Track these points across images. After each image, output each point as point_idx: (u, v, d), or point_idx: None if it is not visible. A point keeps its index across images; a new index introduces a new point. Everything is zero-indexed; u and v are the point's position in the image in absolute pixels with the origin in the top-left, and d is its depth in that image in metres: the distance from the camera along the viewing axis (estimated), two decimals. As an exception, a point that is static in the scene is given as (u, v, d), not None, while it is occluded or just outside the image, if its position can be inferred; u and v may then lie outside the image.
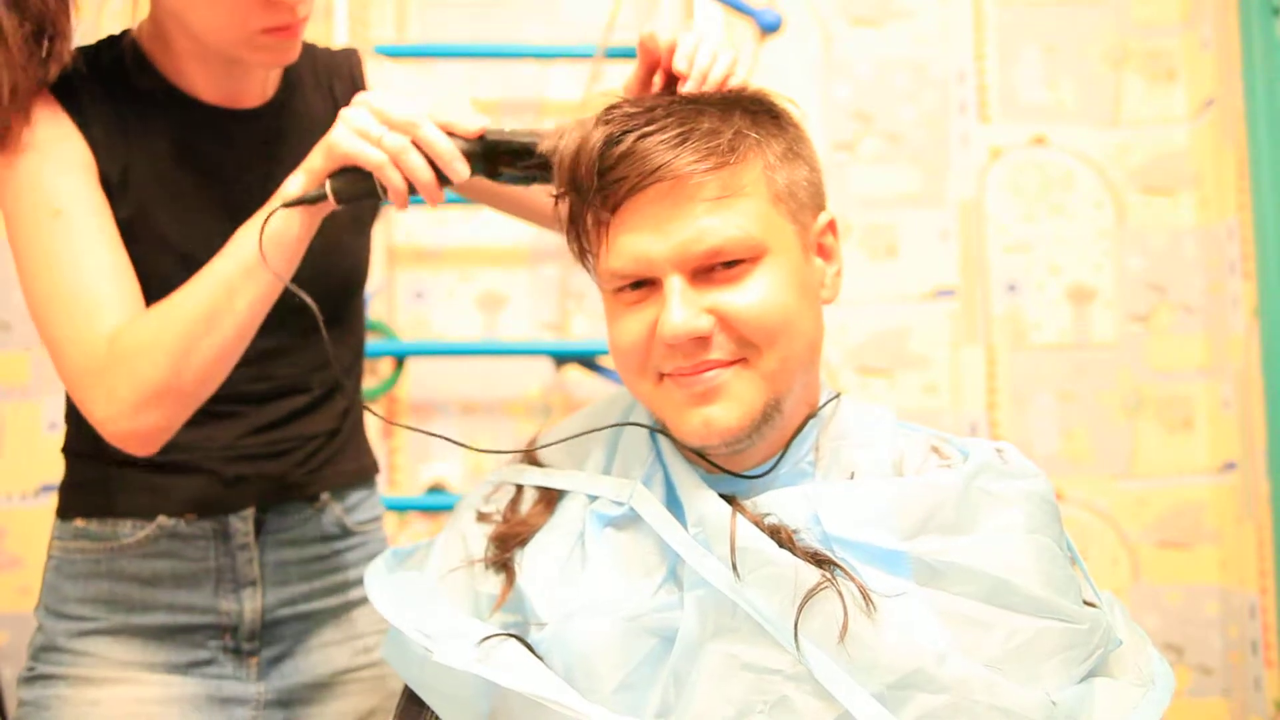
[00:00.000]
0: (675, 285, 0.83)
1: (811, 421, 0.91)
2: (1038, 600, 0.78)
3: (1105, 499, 2.14)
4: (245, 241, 0.96)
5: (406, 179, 0.93)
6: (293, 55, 1.04)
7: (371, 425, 1.63)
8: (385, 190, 0.94)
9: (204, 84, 1.08)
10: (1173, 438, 2.15)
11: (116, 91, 1.06)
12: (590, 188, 0.85)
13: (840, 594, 0.76)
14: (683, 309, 0.82)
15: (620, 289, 0.87)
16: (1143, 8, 2.19)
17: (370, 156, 0.91)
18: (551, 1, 2.14)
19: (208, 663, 1.13)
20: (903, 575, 0.78)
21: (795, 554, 0.78)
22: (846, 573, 0.78)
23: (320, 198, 0.94)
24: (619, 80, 1.01)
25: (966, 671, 0.74)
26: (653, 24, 0.91)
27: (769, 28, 2.15)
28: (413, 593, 0.93)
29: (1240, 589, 2.07)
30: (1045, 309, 2.16)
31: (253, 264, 0.95)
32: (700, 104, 0.87)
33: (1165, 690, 0.81)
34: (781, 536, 0.80)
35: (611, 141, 0.84)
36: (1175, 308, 2.17)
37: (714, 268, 0.84)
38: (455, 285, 2.12)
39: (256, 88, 1.11)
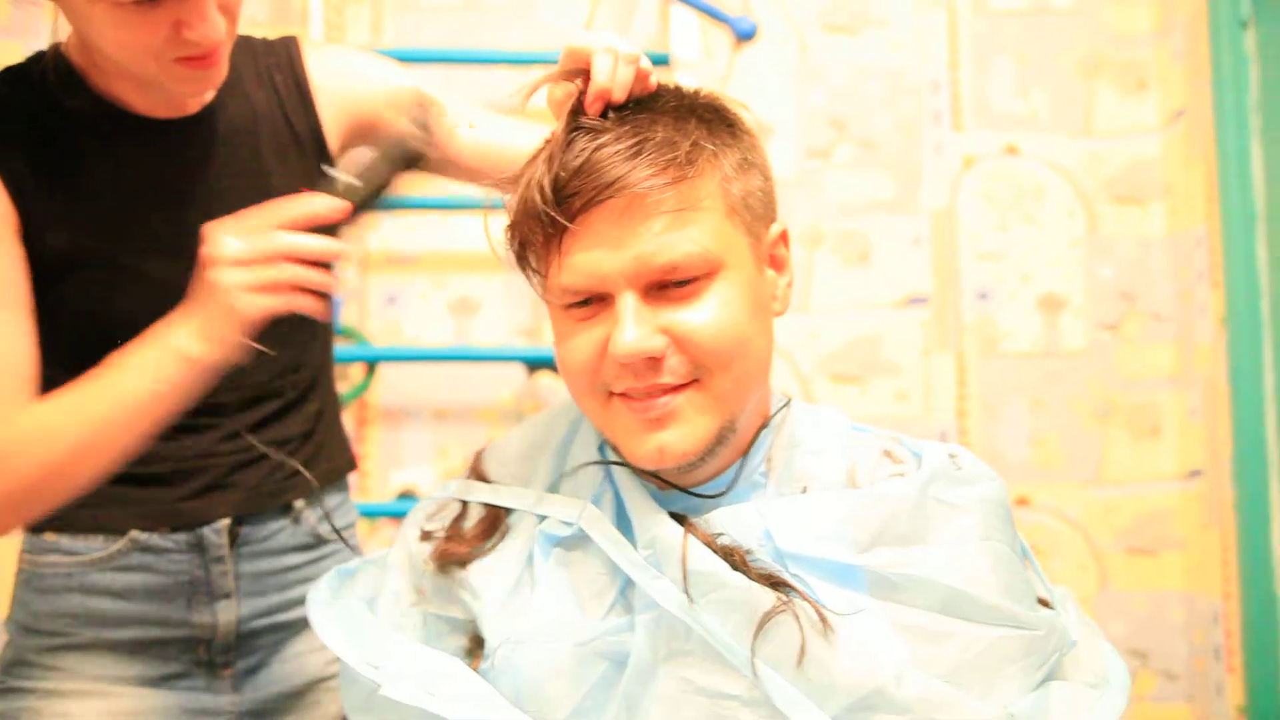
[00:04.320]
0: (628, 303, 0.80)
1: (764, 432, 0.89)
2: (994, 609, 0.77)
3: (1074, 506, 2.16)
4: (131, 382, 0.92)
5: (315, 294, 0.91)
6: (216, 81, 1.00)
7: (348, 421, 1.62)
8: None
9: (137, 97, 1.04)
10: (1141, 445, 2.17)
11: (43, 114, 1.01)
12: (542, 203, 0.81)
13: (797, 617, 0.75)
14: (636, 328, 0.79)
15: (570, 305, 0.84)
16: (1115, 19, 2.21)
17: (274, 302, 0.89)
18: (528, 6, 2.13)
19: (180, 676, 1.11)
20: (858, 589, 0.78)
21: (750, 576, 0.77)
22: (802, 594, 0.77)
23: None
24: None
25: (925, 690, 0.74)
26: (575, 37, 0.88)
27: (745, 35, 2.15)
28: (359, 621, 0.91)
29: (1205, 595, 2.08)
30: (1016, 317, 2.18)
31: (143, 405, 0.91)
32: (654, 111, 0.84)
33: (1121, 690, 0.80)
34: (735, 558, 0.78)
35: (565, 154, 0.81)
36: (1145, 316, 2.18)
37: (667, 285, 0.81)
38: (428, 290, 2.11)
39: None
